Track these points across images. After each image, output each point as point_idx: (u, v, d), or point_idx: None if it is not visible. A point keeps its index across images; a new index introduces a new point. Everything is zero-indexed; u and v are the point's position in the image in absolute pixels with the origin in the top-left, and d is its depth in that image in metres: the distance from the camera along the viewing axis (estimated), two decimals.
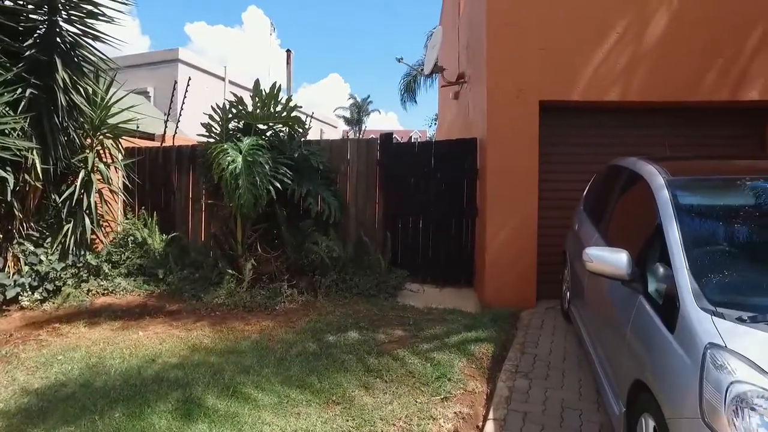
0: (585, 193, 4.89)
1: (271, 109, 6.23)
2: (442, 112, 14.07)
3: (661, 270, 2.47)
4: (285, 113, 6.29)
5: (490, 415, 3.22)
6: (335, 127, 33.88)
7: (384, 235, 6.57)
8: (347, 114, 46.00)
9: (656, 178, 2.97)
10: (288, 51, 19.07)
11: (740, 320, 2.01)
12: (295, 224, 6.47)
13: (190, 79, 10.97)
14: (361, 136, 40.57)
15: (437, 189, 6.49)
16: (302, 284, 6.02)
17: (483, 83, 5.78)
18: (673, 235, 2.48)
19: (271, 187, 5.81)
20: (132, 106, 6.54)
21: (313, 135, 9.87)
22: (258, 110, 6.22)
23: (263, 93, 6.12)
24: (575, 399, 3.46)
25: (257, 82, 6.20)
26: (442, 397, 3.53)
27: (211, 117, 6.26)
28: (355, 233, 6.63)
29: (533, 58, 5.51)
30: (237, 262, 6.19)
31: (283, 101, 6.28)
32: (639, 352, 2.46)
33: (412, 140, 47.08)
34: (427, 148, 6.78)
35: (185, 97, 9.67)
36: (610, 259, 2.67)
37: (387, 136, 6.85)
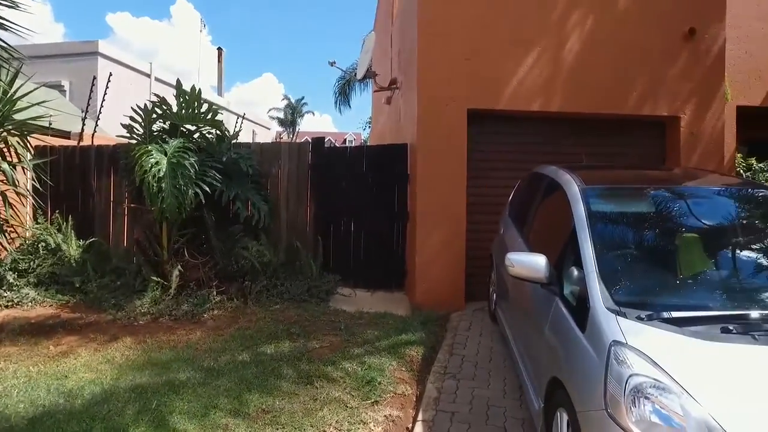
0: (510, 198, 5.13)
1: (196, 111, 6.00)
2: (375, 115, 14.21)
3: (575, 273, 2.64)
4: (210, 115, 6.10)
5: (419, 417, 3.30)
6: (268, 129, 33.05)
7: (315, 239, 6.53)
8: (281, 115, 45.27)
9: (572, 186, 3.18)
10: (219, 49, 18.54)
11: (639, 319, 2.20)
12: (224, 229, 6.28)
13: (111, 74, 10.35)
14: (294, 137, 40.02)
15: (369, 193, 6.54)
16: (232, 290, 5.86)
17: (414, 90, 5.91)
18: (586, 241, 2.66)
19: (198, 191, 5.60)
20: (44, 101, 6.03)
21: (245, 136, 9.62)
22: (183, 111, 5.98)
23: (186, 93, 5.90)
24: (500, 397, 3.61)
25: (179, 82, 5.96)
26: (372, 400, 3.57)
27: (132, 118, 5.94)
28: (287, 237, 6.54)
29: (462, 68, 5.71)
30: (162, 268, 5.91)
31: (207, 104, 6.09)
32: (555, 351, 2.62)
33: (347, 142, 47.24)
34: (359, 153, 6.83)
35: (106, 93, 9.11)
36: (530, 263, 2.83)
37: (319, 140, 6.82)
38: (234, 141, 6.57)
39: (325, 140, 7.23)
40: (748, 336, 2.07)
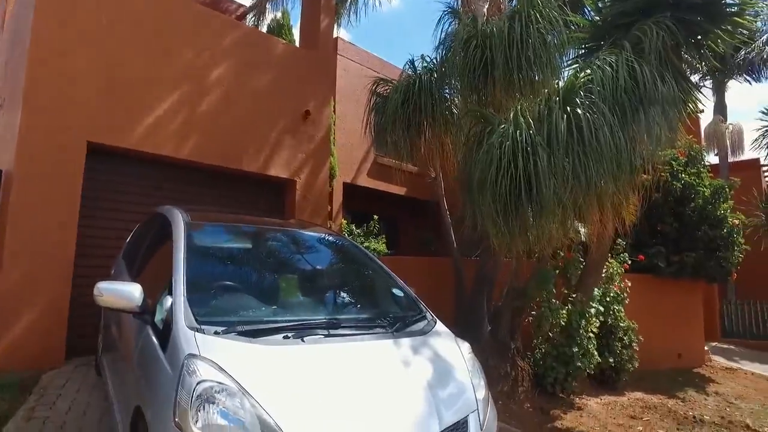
0: (127, 240, 4.83)
1: None
2: None
3: (167, 300, 2.68)
4: None
5: None
6: None
7: None
8: None
9: (179, 221, 3.29)
10: None
11: (216, 333, 2.40)
12: None
13: None
14: None
15: None
16: None
17: (19, 109, 5.04)
18: (179, 268, 2.76)
19: None
20: None
21: None
22: None
23: None
24: None
25: None
26: None
27: None
28: None
29: (85, 95, 5.23)
30: None
31: None
32: (140, 379, 2.56)
33: None
34: None
35: None
36: (122, 291, 2.72)
37: None
38: None
39: None
40: (299, 340, 2.52)
